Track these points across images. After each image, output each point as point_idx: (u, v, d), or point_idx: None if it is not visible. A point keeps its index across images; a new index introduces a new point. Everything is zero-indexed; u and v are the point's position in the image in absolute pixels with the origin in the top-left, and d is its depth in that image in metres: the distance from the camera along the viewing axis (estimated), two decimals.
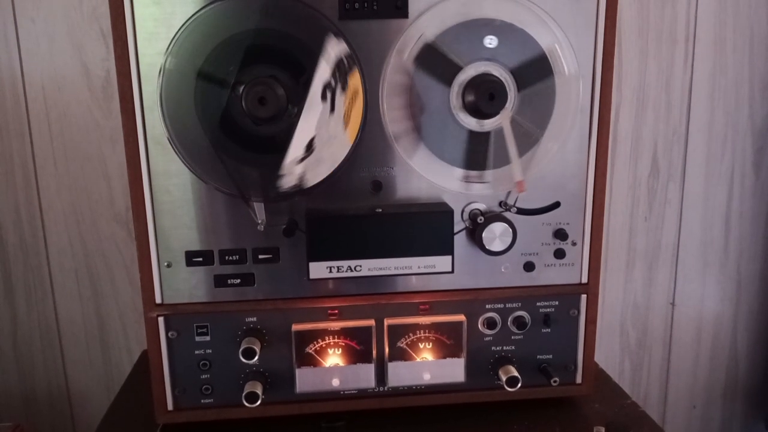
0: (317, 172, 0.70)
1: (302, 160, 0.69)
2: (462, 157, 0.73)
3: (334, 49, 0.68)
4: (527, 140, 0.73)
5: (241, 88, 0.66)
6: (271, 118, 0.67)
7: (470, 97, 0.70)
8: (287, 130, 0.69)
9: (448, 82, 0.70)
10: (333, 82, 0.68)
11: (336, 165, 0.71)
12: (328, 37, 0.67)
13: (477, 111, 0.70)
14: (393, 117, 0.71)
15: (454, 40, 0.70)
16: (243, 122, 0.68)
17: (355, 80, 0.69)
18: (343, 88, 0.69)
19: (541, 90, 0.72)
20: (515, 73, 0.71)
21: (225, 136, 0.69)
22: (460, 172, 0.73)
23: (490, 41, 0.70)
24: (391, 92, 0.70)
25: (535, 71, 0.71)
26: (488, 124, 0.72)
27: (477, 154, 0.73)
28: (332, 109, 0.69)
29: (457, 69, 0.70)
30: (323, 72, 0.68)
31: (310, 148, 0.69)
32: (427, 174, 0.73)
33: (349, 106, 0.69)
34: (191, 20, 0.67)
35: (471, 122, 0.72)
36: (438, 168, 0.73)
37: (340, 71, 0.68)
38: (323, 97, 0.68)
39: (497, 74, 0.70)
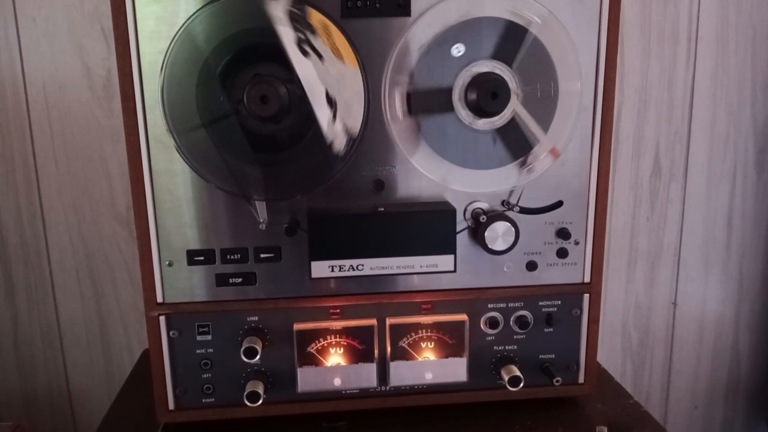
0: (353, 114, 0.70)
1: (334, 116, 0.68)
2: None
3: (278, 9, 0.67)
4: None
5: (244, 87, 0.66)
6: (273, 116, 0.67)
7: (472, 96, 0.70)
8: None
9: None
10: (301, 35, 0.67)
11: (362, 97, 0.69)
12: (265, 3, 0.66)
13: (479, 110, 0.70)
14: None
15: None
16: (244, 120, 0.68)
17: (315, 17, 0.68)
18: (313, 32, 0.68)
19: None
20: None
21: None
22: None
23: (458, 50, 0.70)
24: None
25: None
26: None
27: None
28: (319, 56, 0.68)
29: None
30: (286, 35, 0.67)
31: (331, 101, 0.68)
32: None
33: (330, 41, 0.68)
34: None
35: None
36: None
37: (298, 21, 0.67)
38: (304, 53, 0.67)
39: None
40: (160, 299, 0.74)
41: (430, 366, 0.77)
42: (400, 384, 0.78)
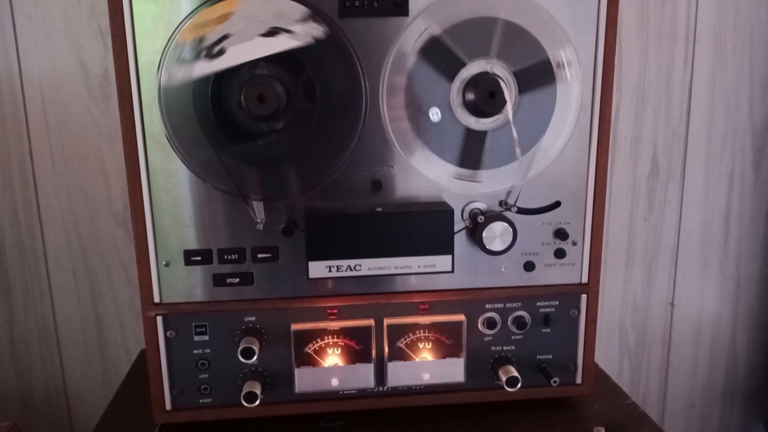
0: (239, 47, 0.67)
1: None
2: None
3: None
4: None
5: (241, 87, 0.66)
6: (270, 116, 0.66)
7: (470, 96, 0.70)
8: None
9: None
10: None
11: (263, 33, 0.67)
12: None
13: (477, 109, 0.70)
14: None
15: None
16: (242, 120, 0.68)
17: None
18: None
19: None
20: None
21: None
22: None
23: (435, 114, 0.70)
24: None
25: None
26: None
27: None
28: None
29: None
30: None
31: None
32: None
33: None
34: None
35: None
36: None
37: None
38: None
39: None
40: (157, 299, 0.74)
41: (427, 366, 0.76)
42: (398, 384, 0.77)
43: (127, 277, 1.14)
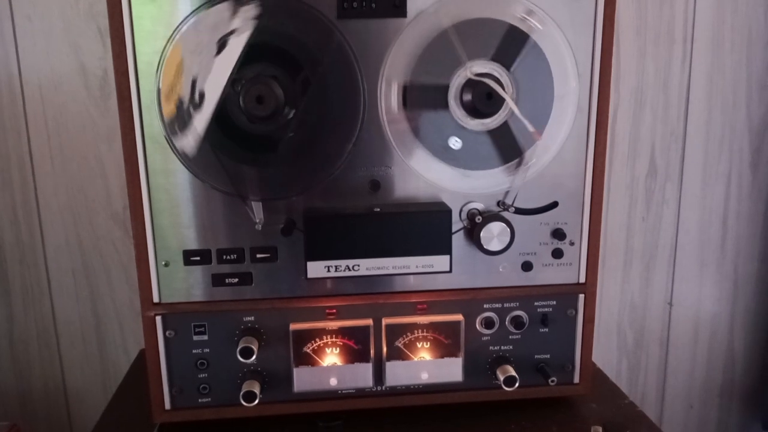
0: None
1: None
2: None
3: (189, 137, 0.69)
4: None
5: (239, 87, 0.66)
6: (268, 116, 0.67)
7: (468, 97, 0.70)
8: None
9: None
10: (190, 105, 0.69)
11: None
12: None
13: (474, 110, 0.70)
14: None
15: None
16: (240, 121, 0.68)
17: (170, 108, 0.69)
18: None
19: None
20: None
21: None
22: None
23: (455, 143, 0.71)
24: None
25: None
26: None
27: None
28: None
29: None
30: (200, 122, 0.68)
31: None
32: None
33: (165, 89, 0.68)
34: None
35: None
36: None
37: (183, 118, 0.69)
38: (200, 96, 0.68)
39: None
40: (156, 299, 0.74)
41: (425, 366, 0.77)
42: (396, 384, 0.78)
43: (126, 277, 1.15)
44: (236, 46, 0.67)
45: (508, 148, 0.73)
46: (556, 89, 0.72)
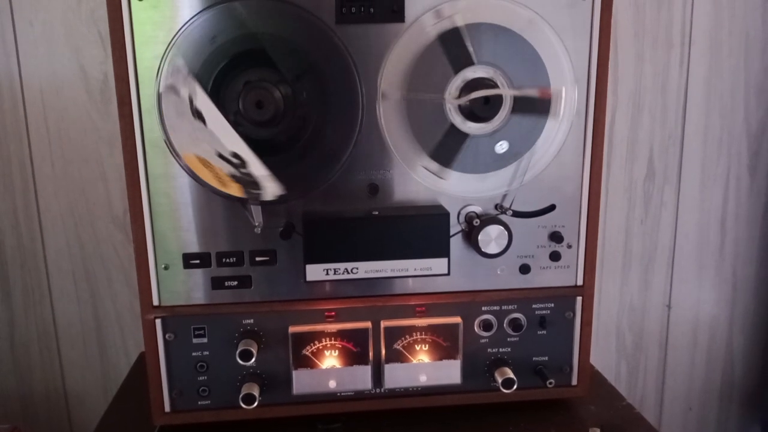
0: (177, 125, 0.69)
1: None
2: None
3: (270, 185, 0.70)
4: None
5: (239, 92, 0.67)
6: (268, 121, 0.67)
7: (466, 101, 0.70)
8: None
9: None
10: (242, 168, 0.69)
11: (178, 136, 0.69)
12: (275, 181, 0.69)
13: (472, 114, 0.70)
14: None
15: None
16: (240, 125, 0.69)
17: (232, 186, 0.70)
18: (233, 171, 0.69)
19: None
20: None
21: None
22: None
23: (501, 146, 0.71)
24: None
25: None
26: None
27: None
28: (222, 157, 0.69)
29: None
30: (257, 167, 0.69)
31: (199, 116, 0.68)
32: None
33: (214, 169, 0.70)
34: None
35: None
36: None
37: (250, 178, 0.70)
38: (234, 154, 0.69)
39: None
40: (156, 302, 0.74)
41: (424, 368, 0.77)
42: (395, 386, 0.78)
43: (126, 281, 1.15)
44: (207, 107, 0.67)
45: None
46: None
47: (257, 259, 0.74)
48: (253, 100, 0.66)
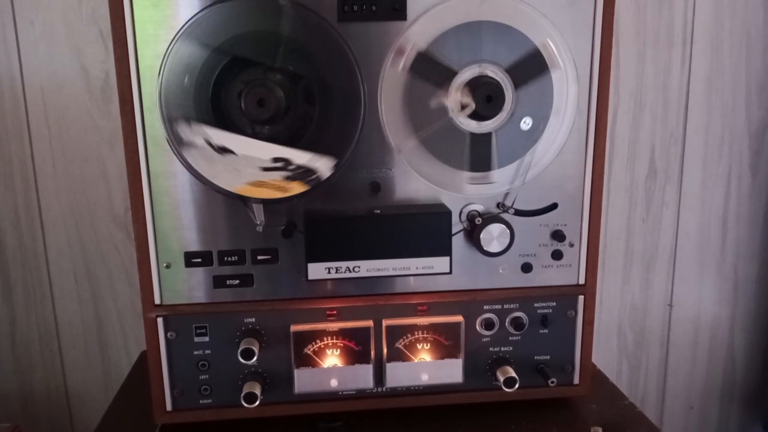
0: (195, 159, 0.70)
1: (208, 143, 0.68)
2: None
3: (322, 165, 0.70)
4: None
5: (241, 90, 0.67)
6: (269, 119, 0.67)
7: (467, 99, 0.70)
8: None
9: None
10: (291, 167, 0.69)
11: (208, 178, 0.70)
12: (332, 158, 0.70)
13: (474, 113, 0.70)
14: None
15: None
16: (242, 123, 0.69)
17: (296, 187, 0.70)
18: (286, 178, 0.70)
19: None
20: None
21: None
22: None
23: (525, 123, 0.72)
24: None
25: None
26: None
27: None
28: (265, 169, 0.69)
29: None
30: (300, 156, 0.69)
31: (222, 151, 0.69)
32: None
33: (270, 186, 0.70)
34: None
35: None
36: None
37: (303, 173, 0.70)
38: (276, 159, 0.69)
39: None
40: (157, 301, 0.74)
41: (426, 367, 0.77)
42: (397, 385, 0.78)
43: (128, 279, 1.15)
44: (227, 138, 0.68)
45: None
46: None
47: (259, 257, 0.74)
48: (255, 99, 0.66)
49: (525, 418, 0.81)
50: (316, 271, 0.72)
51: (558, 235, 0.77)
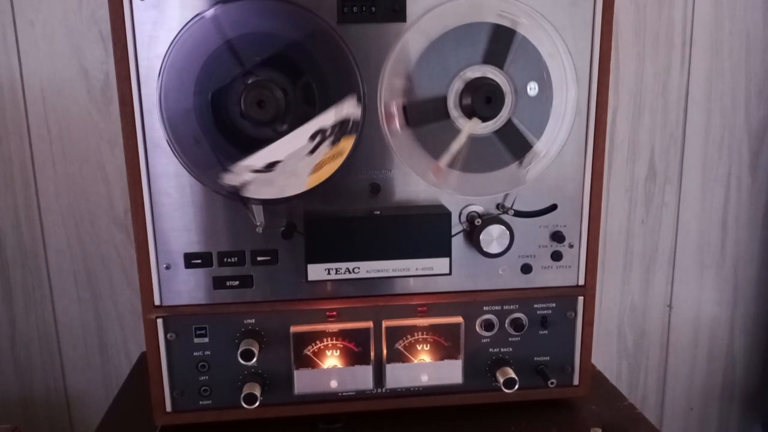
0: (260, 190, 0.70)
1: (256, 171, 0.69)
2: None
3: (349, 109, 0.68)
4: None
5: (241, 92, 0.67)
6: (269, 121, 0.67)
7: (467, 101, 0.70)
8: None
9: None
10: (328, 132, 0.69)
11: (281, 196, 0.71)
12: (351, 96, 0.69)
13: (474, 114, 0.70)
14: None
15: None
16: (242, 125, 0.69)
17: (346, 143, 0.70)
18: (333, 143, 0.69)
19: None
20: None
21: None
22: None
23: (532, 89, 0.71)
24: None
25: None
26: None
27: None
28: (312, 151, 0.69)
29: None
30: (327, 118, 0.68)
31: (270, 167, 0.69)
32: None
33: (327, 160, 0.70)
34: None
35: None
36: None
37: (341, 128, 0.69)
38: (312, 137, 0.69)
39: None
40: (157, 302, 0.74)
41: (425, 368, 0.77)
42: (396, 386, 0.78)
43: (127, 280, 1.15)
44: (256, 161, 0.69)
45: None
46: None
47: (259, 258, 0.74)
48: (255, 100, 0.66)
49: (525, 419, 0.81)
50: (316, 272, 0.72)
51: (557, 236, 0.77)
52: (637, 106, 1.18)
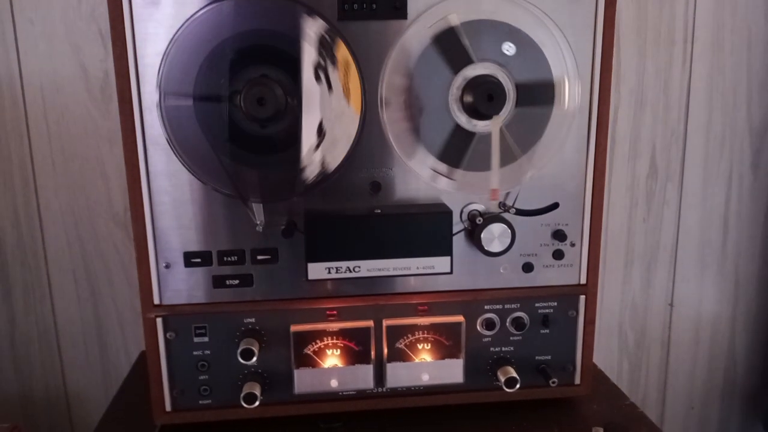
0: (335, 153, 0.70)
1: (318, 146, 0.69)
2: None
3: (312, 28, 0.67)
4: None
5: (239, 91, 0.66)
6: (271, 117, 0.67)
7: (468, 98, 0.70)
8: (286, 130, 0.69)
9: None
10: (322, 61, 0.68)
11: (352, 139, 0.70)
12: (302, 18, 0.67)
13: (474, 111, 0.70)
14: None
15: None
16: (241, 123, 0.68)
17: (342, 52, 0.69)
18: (333, 63, 0.68)
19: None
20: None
21: (224, 136, 0.69)
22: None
23: (508, 48, 0.70)
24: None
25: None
26: (486, 125, 0.72)
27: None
28: (330, 87, 0.69)
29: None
30: (309, 54, 0.67)
31: (321, 132, 0.69)
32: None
33: (345, 78, 0.69)
34: (190, 21, 0.67)
35: (472, 124, 0.71)
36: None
37: (325, 48, 0.68)
38: (317, 78, 0.68)
39: (499, 77, 0.70)
40: (157, 301, 0.74)
41: (426, 367, 0.77)
42: (397, 385, 0.78)
43: (127, 279, 1.15)
44: None
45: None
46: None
47: (259, 257, 0.73)
48: (255, 97, 0.66)
49: (526, 419, 0.80)
50: (316, 271, 0.71)
51: (559, 235, 0.77)
52: (638, 104, 1.18)
